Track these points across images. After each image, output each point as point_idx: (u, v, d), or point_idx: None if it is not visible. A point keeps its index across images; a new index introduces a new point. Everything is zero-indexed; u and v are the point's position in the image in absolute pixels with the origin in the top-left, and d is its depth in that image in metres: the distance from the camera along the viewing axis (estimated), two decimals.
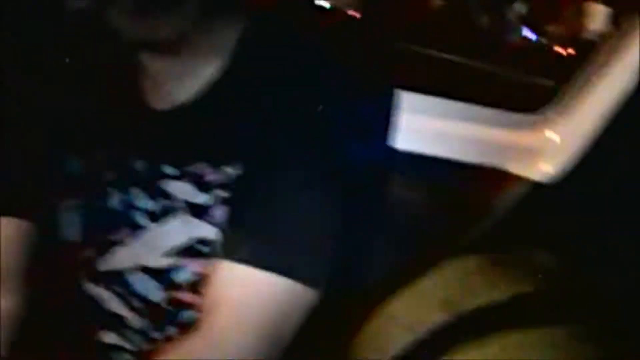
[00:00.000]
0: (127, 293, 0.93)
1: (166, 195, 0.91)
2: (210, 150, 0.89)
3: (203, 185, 0.89)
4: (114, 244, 0.93)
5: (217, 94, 0.90)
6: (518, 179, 1.57)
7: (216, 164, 0.88)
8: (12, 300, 0.97)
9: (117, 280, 0.93)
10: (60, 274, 0.97)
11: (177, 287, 0.90)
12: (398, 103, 0.92)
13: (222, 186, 0.88)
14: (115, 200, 0.94)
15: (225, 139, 0.88)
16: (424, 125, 0.93)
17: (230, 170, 0.88)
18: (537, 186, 1.53)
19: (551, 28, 3.91)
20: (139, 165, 0.92)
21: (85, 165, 0.95)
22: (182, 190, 0.90)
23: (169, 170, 0.90)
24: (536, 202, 1.54)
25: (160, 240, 0.91)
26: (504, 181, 1.57)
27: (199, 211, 0.89)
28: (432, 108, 1.40)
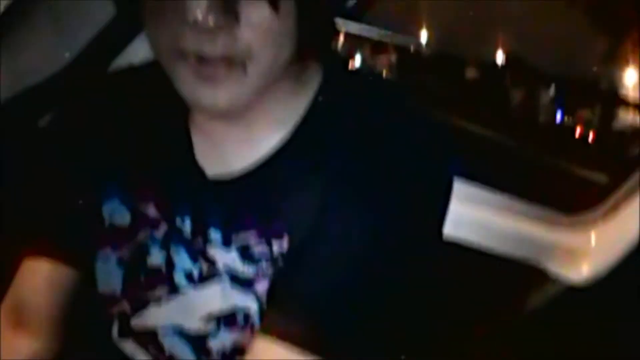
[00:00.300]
0: (158, 352, 0.91)
1: (209, 260, 0.89)
2: (261, 222, 0.86)
3: (248, 256, 0.87)
4: (151, 301, 0.91)
5: (276, 165, 0.87)
6: (554, 278, 1.54)
7: (265, 236, 0.86)
8: (42, 345, 0.95)
9: (150, 338, 0.91)
10: (93, 325, 0.95)
11: (210, 353, 0.88)
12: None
13: (267, 259, 0.86)
14: (156, 257, 0.91)
15: (278, 212, 0.86)
16: (465, 212, 0.92)
17: (278, 244, 0.85)
18: (572, 287, 1.50)
19: (584, 113, 3.93)
20: (186, 225, 0.90)
21: (132, 218, 0.93)
22: (226, 257, 0.88)
23: (216, 235, 0.88)
24: (569, 303, 1.51)
25: (198, 304, 0.89)
26: (540, 279, 1.54)
27: (240, 280, 0.87)
28: (473, 196, 1.39)
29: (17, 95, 1.45)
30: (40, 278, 0.95)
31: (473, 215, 0.86)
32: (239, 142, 0.89)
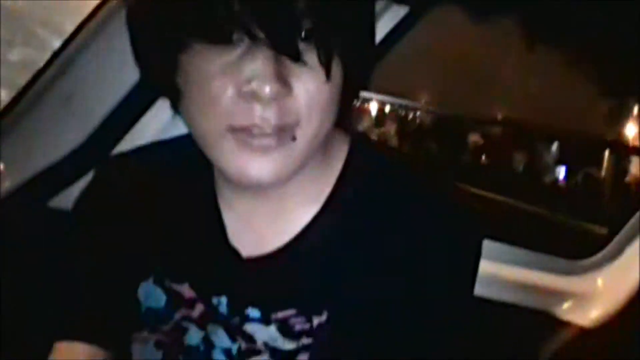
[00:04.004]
0: None
1: (248, 338, 0.88)
2: (299, 298, 0.86)
3: (288, 331, 0.86)
4: None
5: (309, 240, 0.87)
6: (566, 324, 1.58)
7: (304, 312, 0.85)
8: None
9: None
10: None
11: None
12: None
13: (308, 333, 0.85)
14: (194, 337, 0.90)
15: (315, 287, 0.86)
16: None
17: (318, 318, 0.85)
18: (583, 331, 1.53)
19: (590, 170, 3.95)
20: (223, 305, 0.89)
21: (167, 299, 0.92)
22: (265, 334, 0.87)
23: (254, 313, 0.88)
24: (581, 347, 1.53)
25: None
26: (552, 326, 1.57)
27: (281, 356, 0.86)
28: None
29: (31, 178, 1.45)
30: None
31: (483, 270, 0.88)
32: (271, 218, 0.89)
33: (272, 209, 0.89)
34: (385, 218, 0.86)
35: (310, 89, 0.77)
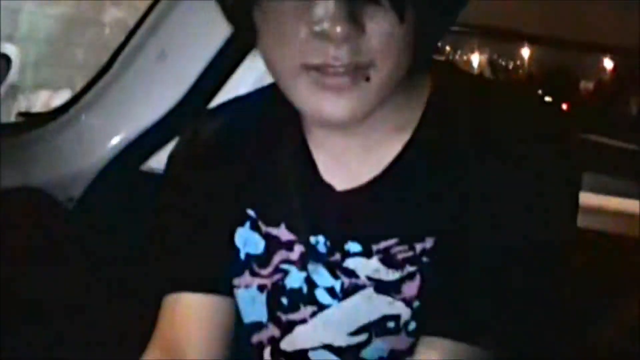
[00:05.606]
0: None
1: (351, 273, 0.88)
2: (399, 227, 0.86)
3: (392, 262, 0.86)
4: (298, 323, 0.90)
5: (403, 170, 0.87)
6: None
7: (406, 241, 0.85)
8: None
9: (302, 359, 0.90)
10: (244, 354, 0.94)
11: None
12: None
13: (412, 262, 0.85)
14: (296, 279, 0.91)
15: (415, 214, 0.86)
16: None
17: (421, 245, 0.85)
18: None
19: None
20: (321, 243, 0.89)
21: (266, 244, 0.93)
22: (368, 267, 0.87)
23: (354, 247, 0.87)
24: None
25: (346, 319, 0.88)
26: None
27: (386, 288, 0.86)
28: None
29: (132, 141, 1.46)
30: (191, 311, 0.93)
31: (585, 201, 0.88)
32: (361, 153, 0.89)
33: (361, 143, 0.89)
34: (478, 141, 0.85)
35: (383, 30, 0.77)
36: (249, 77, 1.41)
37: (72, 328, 1.37)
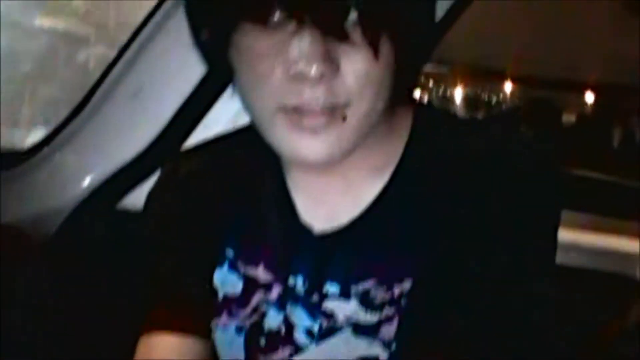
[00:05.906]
0: None
1: (329, 314, 0.87)
2: (378, 268, 0.85)
3: (370, 303, 0.85)
4: None
5: (382, 211, 0.86)
6: None
7: (385, 281, 0.84)
8: None
9: None
10: None
11: None
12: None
13: (390, 303, 0.84)
14: (274, 320, 0.90)
15: (394, 255, 0.85)
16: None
17: (399, 287, 0.84)
18: None
19: None
20: (300, 284, 0.89)
21: (244, 284, 0.92)
22: (346, 308, 0.86)
23: (333, 289, 0.87)
24: None
25: None
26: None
27: (364, 330, 0.85)
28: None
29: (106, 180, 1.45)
30: (168, 351, 0.91)
31: (562, 237, 0.87)
32: (341, 193, 0.89)
33: (340, 183, 0.88)
34: (458, 180, 0.84)
35: (358, 68, 0.77)
36: (224, 115, 1.42)
37: None
